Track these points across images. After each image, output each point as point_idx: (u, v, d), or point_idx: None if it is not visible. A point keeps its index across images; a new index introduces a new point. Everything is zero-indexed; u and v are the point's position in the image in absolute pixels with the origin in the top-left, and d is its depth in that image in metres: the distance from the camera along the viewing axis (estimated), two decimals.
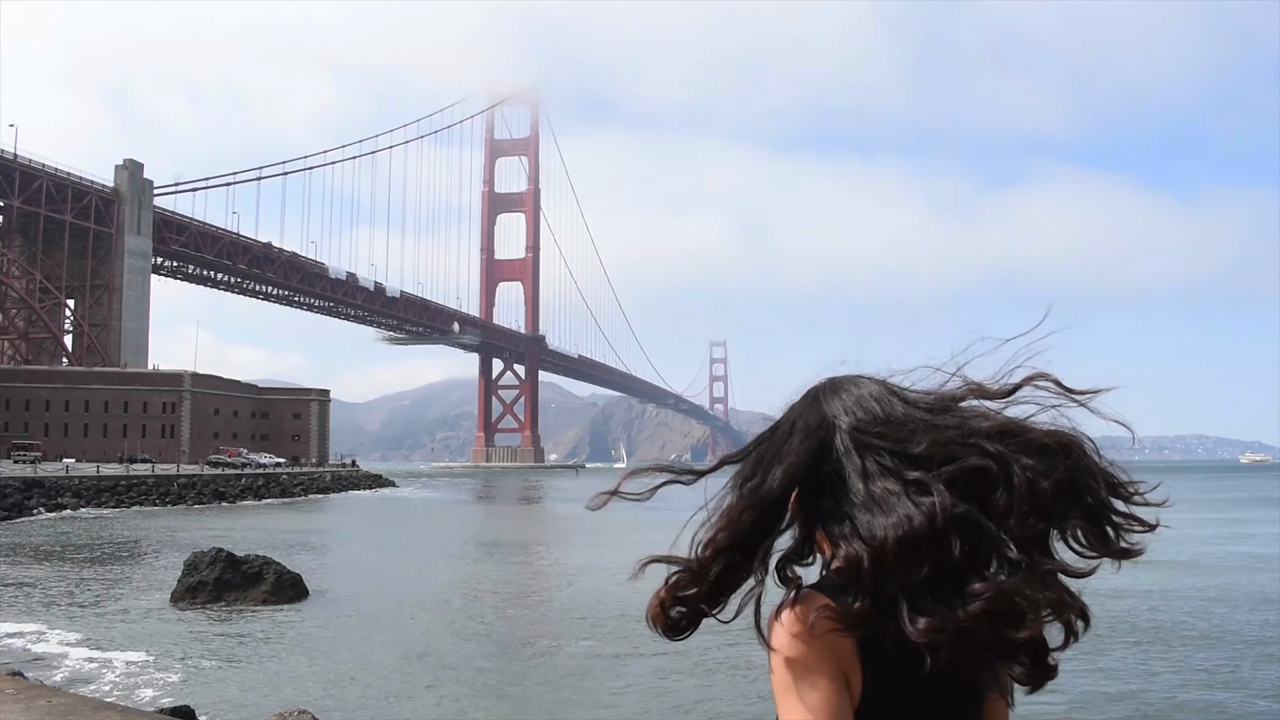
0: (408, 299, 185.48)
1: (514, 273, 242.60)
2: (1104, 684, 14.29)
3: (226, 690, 14.01)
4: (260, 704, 13.08)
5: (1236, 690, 14.22)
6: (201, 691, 13.78)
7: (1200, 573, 27.23)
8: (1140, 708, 13.27)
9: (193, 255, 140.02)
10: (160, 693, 13.69)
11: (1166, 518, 1.47)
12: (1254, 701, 13.68)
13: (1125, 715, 12.94)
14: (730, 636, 14.45)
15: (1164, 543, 1.30)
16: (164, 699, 13.10)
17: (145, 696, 13.46)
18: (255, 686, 14.26)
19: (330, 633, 18.59)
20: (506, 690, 14.54)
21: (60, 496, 58.29)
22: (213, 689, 14.04)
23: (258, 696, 13.63)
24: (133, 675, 14.80)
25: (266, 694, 13.76)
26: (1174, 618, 20.00)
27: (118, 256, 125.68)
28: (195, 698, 13.11)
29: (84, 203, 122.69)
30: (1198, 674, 15.24)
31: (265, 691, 13.94)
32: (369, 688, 14.32)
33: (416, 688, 14.26)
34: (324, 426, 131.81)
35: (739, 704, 13.35)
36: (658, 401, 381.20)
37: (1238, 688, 14.36)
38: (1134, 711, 13.10)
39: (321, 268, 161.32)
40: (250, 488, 79.38)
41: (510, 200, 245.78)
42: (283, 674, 15.09)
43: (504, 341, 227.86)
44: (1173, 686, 14.42)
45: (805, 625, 1.43)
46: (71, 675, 14.68)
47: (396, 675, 15.03)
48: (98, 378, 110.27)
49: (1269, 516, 53.42)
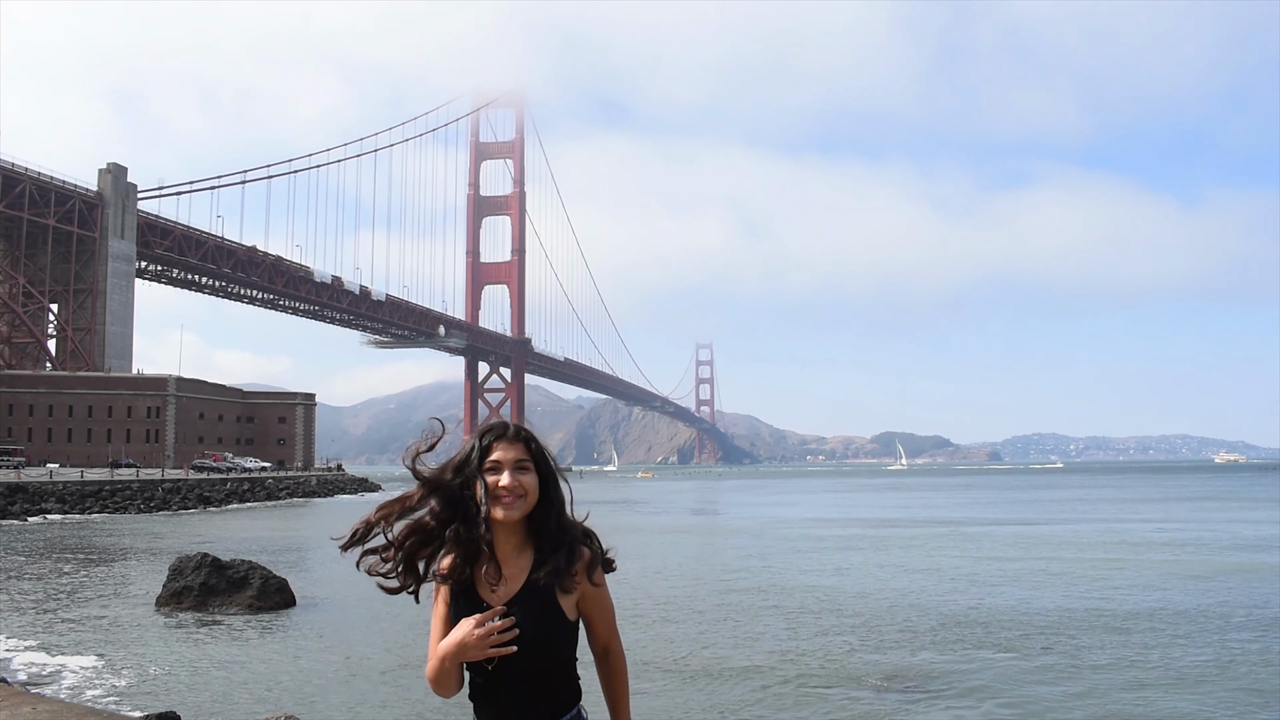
0: (393, 302, 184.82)
1: (500, 276, 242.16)
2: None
3: (212, 696, 13.97)
4: (246, 710, 13.07)
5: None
6: (187, 697, 13.76)
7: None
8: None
9: (177, 259, 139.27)
10: (145, 698, 13.65)
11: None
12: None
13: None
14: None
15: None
16: (149, 705, 13.06)
17: (130, 702, 13.42)
18: (241, 692, 14.23)
19: (317, 638, 18.56)
20: None
21: (44, 502, 57.98)
22: (198, 694, 14.01)
23: (244, 702, 13.62)
24: (118, 681, 14.76)
25: (253, 699, 13.75)
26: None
27: (101, 261, 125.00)
28: (181, 704, 13.08)
29: (67, 206, 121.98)
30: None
31: (251, 697, 13.92)
32: (356, 693, 14.32)
33: (404, 693, 14.26)
34: (309, 430, 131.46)
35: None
36: (644, 404, 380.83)
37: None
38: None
39: (306, 271, 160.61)
40: (235, 492, 79.09)
41: (496, 203, 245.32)
42: (269, 679, 15.06)
43: (490, 344, 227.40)
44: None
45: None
46: (56, 682, 14.63)
47: (384, 680, 15.02)
48: (82, 382, 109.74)
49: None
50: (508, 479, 2.87)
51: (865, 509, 71.04)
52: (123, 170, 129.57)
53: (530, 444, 2.94)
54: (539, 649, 2.80)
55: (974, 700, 13.70)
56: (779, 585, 26.14)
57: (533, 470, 2.92)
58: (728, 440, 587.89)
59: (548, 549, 2.89)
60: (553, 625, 2.83)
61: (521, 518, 2.90)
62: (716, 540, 44.13)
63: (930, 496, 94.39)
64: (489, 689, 2.85)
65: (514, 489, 2.86)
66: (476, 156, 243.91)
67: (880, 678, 14.98)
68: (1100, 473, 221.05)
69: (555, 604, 2.84)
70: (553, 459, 3.02)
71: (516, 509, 2.87)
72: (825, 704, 13.58)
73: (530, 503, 2.90)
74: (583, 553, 2.90)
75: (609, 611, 2.98)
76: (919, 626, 19.44)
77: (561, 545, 2.89)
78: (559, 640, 2.85)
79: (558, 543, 2.89)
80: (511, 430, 2.96)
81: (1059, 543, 38.80)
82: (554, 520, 2.92)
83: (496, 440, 2.93)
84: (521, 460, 2.90)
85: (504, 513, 2.86)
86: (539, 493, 2.91)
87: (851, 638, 18.39)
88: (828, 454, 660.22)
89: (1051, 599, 23.06)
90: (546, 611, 2.83)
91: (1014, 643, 17.68)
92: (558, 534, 2.91)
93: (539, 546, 2.91)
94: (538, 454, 2.95)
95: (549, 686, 2.86)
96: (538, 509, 2.92)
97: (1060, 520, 54.32)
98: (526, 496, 2.89)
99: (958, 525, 50.70)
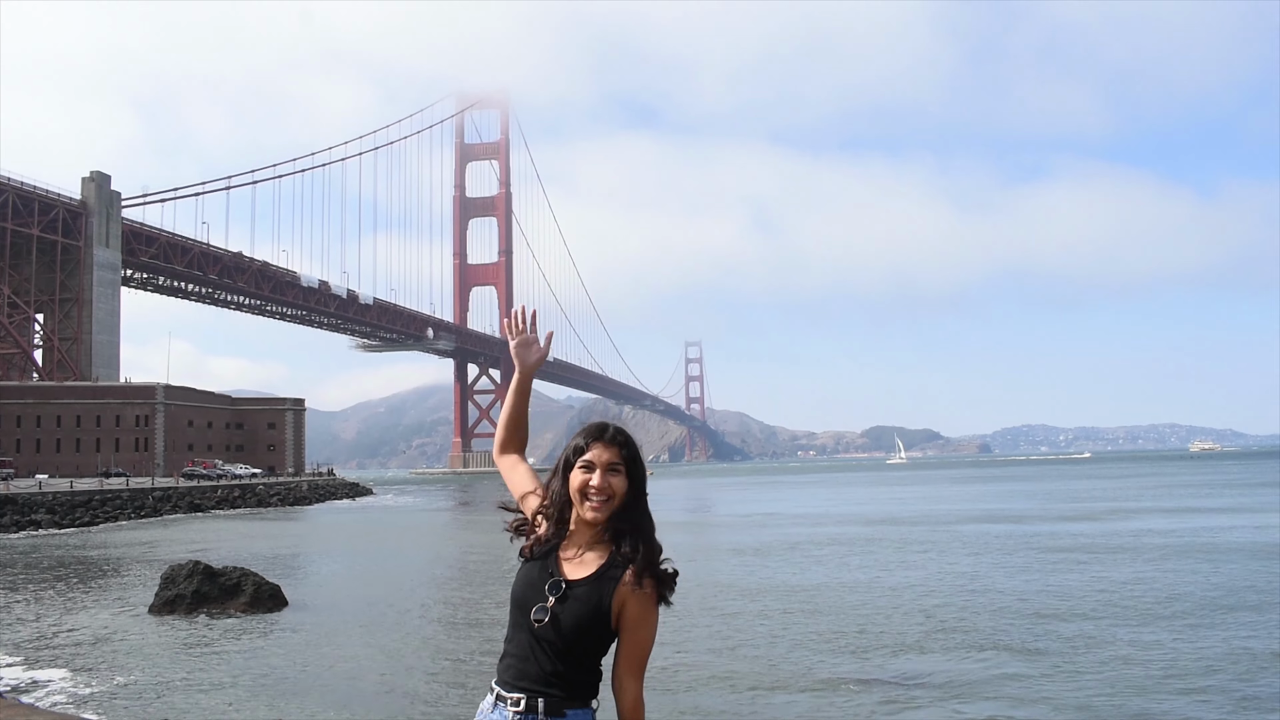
0: (381, 305, 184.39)
1: (487, 277, 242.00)
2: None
3: (206, 702, 13.96)
4: (240, 716, 13.08)
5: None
6: (180, 704, 13.76)
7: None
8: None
9: (162, 266, 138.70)
10: (138, 706, 13.64)
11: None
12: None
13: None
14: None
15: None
16: (143, 714, 13.07)
17: (123, 710, 13.41)
18: (235, 699, 14.22)
19: (310, 644, 18.55)
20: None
21: (34, 513, 57.67)
22: (192, 701, 13.99)
23: (238, 709, 13.61)
24: (111, 689, 14.74)
25: (247, 706, 13.74)
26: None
27: (86, 269, 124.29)
28: (175, 711, 13.09)
29: (51, 215, 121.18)
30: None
31: (246, 704, 13.92)
32: (350, 698, 14.33)
33: (399, 698, 14.28)
34: (299, 436, 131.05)
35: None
36: (635, 403, 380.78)
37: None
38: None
39: (293, 276, 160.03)
40: (226, 499, 78.84)
41: (483, 205, 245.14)
42: (263, 686, 15.04)
43: (479, 346, 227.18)
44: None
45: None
46: (49, 691, 14.60)
47: (378, 685, 15.03)
48: (69, 392, 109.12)
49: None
50: (599, 479, 3.01)
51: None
52: (106, 178, 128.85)
53: (625, 448, 3.07)
54: (578, 634, 2.92)
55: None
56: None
57: (624, 474, 3.04)
58: (718, 438, 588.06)
59: (625, 552, 2.99)
60: (597, 619, 2.93)
61: (607, 518, 3.03)
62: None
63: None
64: (519, 650, 2.99)
65: (604, 489, 3.00)
66: (462, 158, 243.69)
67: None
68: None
69: (608, 604, 2.94)
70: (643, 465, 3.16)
71: (605, 510, 3.01)
72: (827, 703, 13.64)
73: (616, 505, 3.02)
74: (638, 562, 2.98)
75: (641, 642, 2.99)
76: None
77: (638, 552, 2.98)
78: (594, 634, 2.94)
79: (635, 549, 2.99)
80: (610, 433, 3.09)
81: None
82: (638, 525, 3.03)
83: (594, 441, 3.07)
84: (614, 463, 3.03)
85: (593, 514, 3.01)
86: (626, 496, 3.04)
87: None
88: (818, 449, 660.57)
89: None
90: (599, 605, 2.93)
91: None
92: (638, 539, 3.00)
93: (619, 548, 3.01)
94: (630, 459, 3.07)
95: (569, 672, 2.94)
96: (623, 511, 3.03)
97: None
98: (614, 499, 3.01)
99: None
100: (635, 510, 3.04)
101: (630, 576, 2.94)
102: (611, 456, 3.03)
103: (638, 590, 2.94)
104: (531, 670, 2.95)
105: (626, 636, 2.97)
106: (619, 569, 2.95)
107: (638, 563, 2.95)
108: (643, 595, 2.95)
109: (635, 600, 2.94)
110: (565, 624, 2.91)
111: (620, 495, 3.02)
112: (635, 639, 2.97)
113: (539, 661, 2.94)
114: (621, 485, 3.02)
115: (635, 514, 3.04)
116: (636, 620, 2.95)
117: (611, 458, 3.03)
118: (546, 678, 2.93)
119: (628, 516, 3.02)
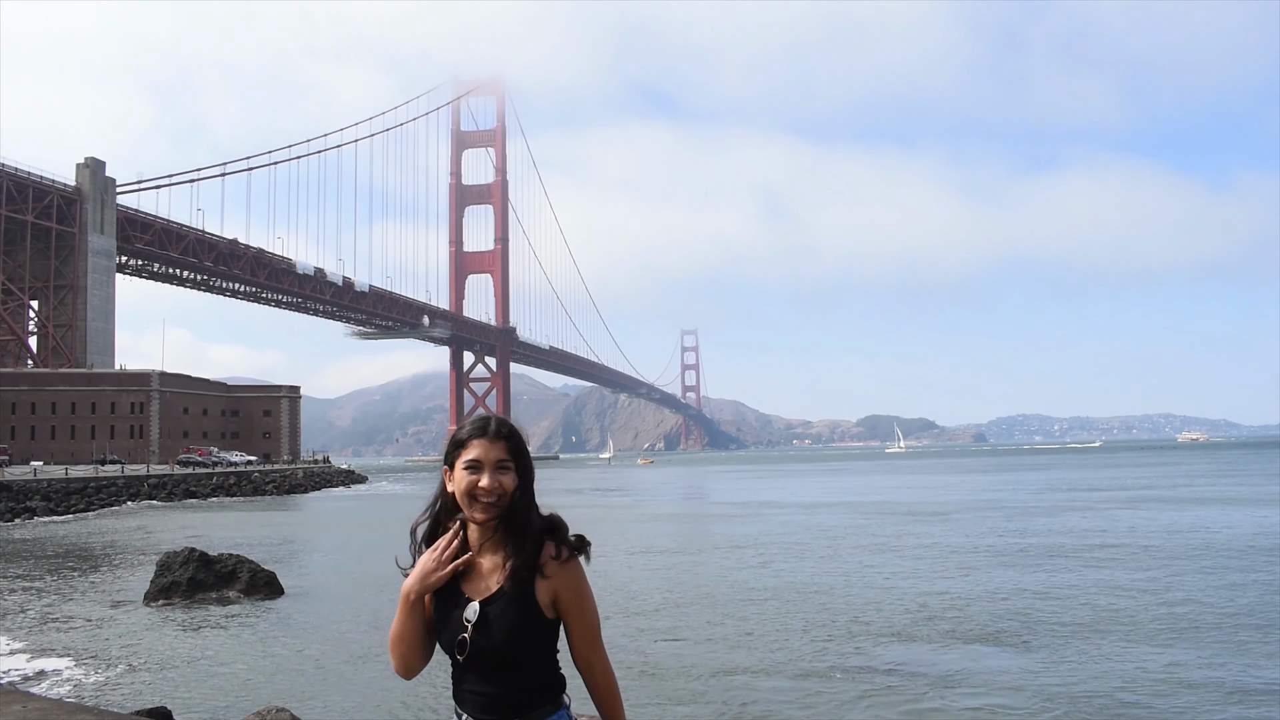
0: (376, 293, 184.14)
1: (483, 265, 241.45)
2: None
3: (202, 690, 14.01)
4: (237, 703, 13.12)
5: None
6: (177, 692, 13.79)
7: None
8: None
9: (158, 253, 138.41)
10: (135, 694, 13.68)
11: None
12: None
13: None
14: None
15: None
16: (139, 700, 13.09)
17: (120, 698, 13.45)
18: (231, 685, 14.27)
19: (306, 630, 18.60)
20: None
21: (29, 500, 57.68)
22: (188, 689, 14.04)
23: (234, 695, 13.66)
24: (107, 677, 14.78)
25: (243, 692, 13.79)
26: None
27: (81, 256, 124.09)
28: (171, 698, 13.12)
29: (45, 202, 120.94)
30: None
31: (242, 690, 13.97)
32: (346, 683, 14.38)
33: (393, 683, 14.32)
34: (295, 423, 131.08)
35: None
36: (630, 391, 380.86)
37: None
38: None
39: (289, 263, 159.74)
40: (222, 486, 78.93)
41: (479, 192, 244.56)
42: (259, 672, 15.10)
43: (475, 334, 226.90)
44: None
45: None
46: (45, 679, 14.63)
47: (374, 672, 15.08)
48: (64, 379, 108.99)
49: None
50: (488, 479, 2.82)
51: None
52: (100, 164, 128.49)
53: (511, 441, 2.88)
54: (514, 645, 2.77)
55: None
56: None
57: (513, 470, 2.86)
58: (714, 426, 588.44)
59: (520, 544, 2.83)
60: (528, 621, 2.78)
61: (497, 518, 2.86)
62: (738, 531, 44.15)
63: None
64: (464, 682, 2.83)
65: (494, 489, 2.81)
66: (457, 145, 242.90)
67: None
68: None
69: (532, 600, 2.79)
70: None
71: (495, 511, 2.83)
72: (829, 701, 13.70)
73: (507, 503, 2.84)
74: (548, 544, 2.84)
75: (588, 616, 2.87)
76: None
77: (528, 538, 2.83)
78: (534, 637, 2.79)
79: (527, 537, 2.83)
80: (493, 427, 2.89)
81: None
82: (527, 515, 2.86)
83: (477, 437, 2.87)
84: (503, 460, 2.84)
85: (483, 515, 2.83)
86: (515, 493, 2.85)
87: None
88: (814, 438, 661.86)
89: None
90: (524, 606, 2.78)
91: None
92: (528, 528, 2.85)
93: (513, 542, 2.84)
94: (517, 453, 2.88)
95: (524, 683, 2.81)
96: (514, 510, 2.85)
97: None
98: (505, 498, 2.83)
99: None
100: (524, 507, 2.85)
101: (548, 560, 2.80)
102: (499, 453, 2.84)
103: (560, 571, 2.81)
104: (489, 696, 2.81)
105: (572, 618, 2.84)
106: (529, 570, 2.80)
107: (555, 542, 2.83)
108: (568, 572, 2.82)
109: (564, 581, 2.81)
110: (497, 642, 2.77)
111: (511, 493, 2.83)
112: (581, 616, 2.85)
113: (491, 685, 2.80)
114: (511, 483, 2.83)
115: (524, 510, 2.85)
116: (574, 599, 2.83)
117: (499, 454, 2.84)
118: (508, 699, 2.80)
119: (518, 514, 2.84)
